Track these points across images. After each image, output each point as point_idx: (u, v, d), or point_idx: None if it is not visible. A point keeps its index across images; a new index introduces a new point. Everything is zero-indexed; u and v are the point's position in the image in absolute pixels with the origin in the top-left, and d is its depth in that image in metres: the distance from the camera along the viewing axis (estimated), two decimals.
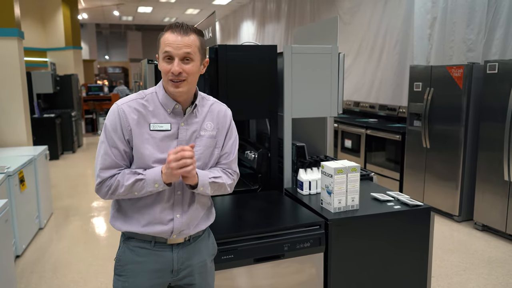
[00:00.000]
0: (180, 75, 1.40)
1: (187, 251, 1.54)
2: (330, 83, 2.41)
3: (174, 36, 1.39)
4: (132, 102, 1.46)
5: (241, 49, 2.27)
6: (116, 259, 1.54)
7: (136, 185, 1.41)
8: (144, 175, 1.41)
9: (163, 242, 1.50)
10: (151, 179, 1.40)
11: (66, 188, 5.84)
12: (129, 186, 1.41)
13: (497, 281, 3.07)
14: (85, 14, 13.96)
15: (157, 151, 1.44)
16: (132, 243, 1.51)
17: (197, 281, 1.57)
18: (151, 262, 1.50)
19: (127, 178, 1.41)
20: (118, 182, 1.42)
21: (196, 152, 1.48)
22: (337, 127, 6.21)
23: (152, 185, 1.41)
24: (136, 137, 1.43)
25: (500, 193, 3.81)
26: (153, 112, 1.46)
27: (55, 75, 8.31)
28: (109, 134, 1.44)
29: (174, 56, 1.39)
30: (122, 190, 1.42)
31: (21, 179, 3.57)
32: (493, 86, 3.84)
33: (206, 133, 1.52)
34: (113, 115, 1.45)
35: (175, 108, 1.47)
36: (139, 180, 1.41)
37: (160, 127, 1.45)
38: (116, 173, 1.44)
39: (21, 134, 4.61)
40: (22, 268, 3.36)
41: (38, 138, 6.90)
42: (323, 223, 1.91)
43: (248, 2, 11.65)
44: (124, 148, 1.44)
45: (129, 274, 1.50)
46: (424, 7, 5.10)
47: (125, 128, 1.43)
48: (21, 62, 4.58)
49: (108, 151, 1.43)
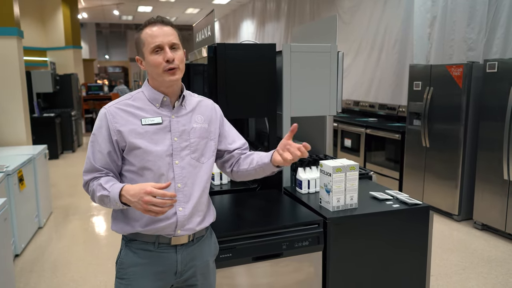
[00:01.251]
0: (174, 62, 1.42)
1: (191, 252, 1.53)
2: (329, 81, 2.41)
3: (157, 28, 1.43)
4: (119, 103, 1.49)
5: (240, 48, 2.26)
6: (119, 262, 1.52)
7: (105, 199, 1.40)
8: (109, 192, 1.39)
9: (167, 243, 1.48)
10: (113, 199, 1.38)
11: (65, 187, 5.84)
12: (99, 198, 1.42)
13: (497, 280, 3.06)
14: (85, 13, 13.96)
15: (152, 144, 1.44)
16: (134, 245, 1.49)
17: (199, 282, 1.56)
18: (155, 264, 1.48)
19: (98, 190, 1.42)
20: (93, 191, 1.44)
21: (191, 143, 1.50)
22: (337, 126, 6.21)
23: (114, 204, 1.39)
24: (129, 134, 1.43)
25: (500, 192, 3.81)
26: (141, 108, 1.47)
27: (55, 75, 8.31)
28: (94, 137, 1.46)
29: (164, 45, 1.41)
30: (96, 200, 1.44)
31: (20, 178, 3.57)
32: (493, 85, 3.84)
33: (197, 125, 1.54)
34: (100, 118, 1.47)
35: (164, 101, 1.49)
36: (105, 196, 1.40)
37: (151, 121, 1.46)
38: (95, 178, 1.45)
39: (21, 133, 4.61)
40: (21, 267, 3.36)
41: (37, 137, 6.90)
42: (321, 221, 1.90)
43: (248, 2, 11.64)
44: (109, 150, 1.44)
45: (132, 277, 1.48)
46: (424, 6, 5.10)
47: (113, 129, 1.43)
48: (21, 61, 4.58)
49: (90, 155, 1.46)
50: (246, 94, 2.26)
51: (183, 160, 1.48)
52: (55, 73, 8.42)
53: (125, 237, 1.53)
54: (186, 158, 1.49)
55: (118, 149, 1.45)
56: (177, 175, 1.47)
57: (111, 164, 1.46)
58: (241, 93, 2.25)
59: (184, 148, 1.49)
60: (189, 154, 1.50)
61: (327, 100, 2.43)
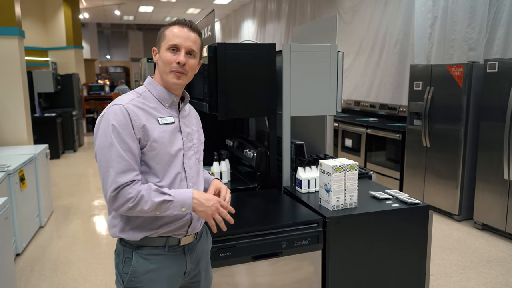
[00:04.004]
0: (184, 67, 1.42)
1: (197, 251, 1.55)
2: (329, 81, 2.41)
3: (183, 30, 1.43)
4: (134, 101, 1.41)
5: (240, 48, 2.26)
6: (131, 270, 1.43)
7: (163, 205, 1.35)
8: (173, 196, 1.36)
9: (176, 244, 1.48)
10: (179, 202, 1.36)
11: (66, 187, 5.85)
12: (156, 204, 1.33)
13: (497, 280, 3.06)
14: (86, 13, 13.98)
15: (170, 144, 1.44)
16: (144, 251, 1.44)
17: (202, 277, 1.60)
18: (167, 267, 1.46)
19: (155, 196, 1.33)
20: (142, 197, 1.32)
21: (194, 144, 1.55)
22: (337, 126, 6.21)
23: (179, 208, 1.37)
24: (151, 132, 1.39)
25: (500, 192, 3.80)
26: (155, 108, 1.45)
27: (56, 75, 8.33)
28: (119, 136, 1.34)
29: (181, 48, 1.42)
30: (147, 207, 1.33)
31: (21, 178, 3.58)
32: (493, 85, 3.83)
33: (195, 128, 1.59)
34: (121, 114, 1.35)
35: (174, 101, 1.49)
36: (167, 202, 1.35)
37: (166, 120, 1.45)
38: (135, 180, 1.35)
39: (22, 133, 4.62)
40: (22, 266, 3.37)
41: (39, 137, 6.92)
42: (321, 221, 1.91)
43: (249, 2, 11.65)
44: (137, 149, 1.37)
45: (147, 284, 1.43)
46: (424, 6, 5.10)
47: (137, 126, 1.37)
48: (22, 61, 4.59)
49: (121, 154, 1.33)
50: (246, 93, 2.26)
51: (190, 160, 1.51)
52: (56, 73, 8.43)
53: (131, 245, 1.45)
54: (192, 158, 1.52)
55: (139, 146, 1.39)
56: (188, 174, 1.49)
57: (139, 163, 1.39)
58: (241, 93, 2.25)
59: (190, 148, 1.52)
60: (194, 154, 1.53)
61: (327, 99, 2.43)
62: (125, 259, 1.45)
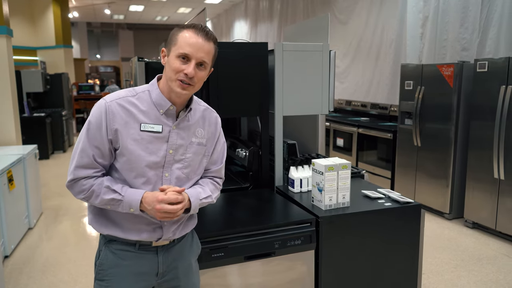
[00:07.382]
0: (192, 79, 1.35)
1: (172, 253, 1.50)
2: (321, 80, 2.41)
3: (197, 38, 1.34)
4: (122, 99, 1.38)
5: (232, 47, 2.25)
6: (98, 263, 1.46)
7: (113, 202, 1.36)
8: (123, 196, 1.36)
9: (148, 244, 1.45)
10: (127, 203, 1.36)
11: (56, 188, 5.78)
12: (105, 201, 1.36)
13: (487, 278, 3.09)
14: (76, 12, 13.83)
15: (146, 154, 1.38)
16: (114, 246, 1.45)
17: (182, 282, 1.54)
18: (136, 265, 1.45)
19: (104, 192, 1.35)
20: (93, 192, 1.36)
21: (186, 159, 1.45)
22: (329, 125, 6.22)
23: (127, 208, 1.36)
24: (124, 137, 1.35)
25: (490, 191, 3.84)
26: (145, 111, 1.38)
27: (45, 74, 8.22)
28: (91, 131, 1.36)
29: (192, 59, 1.33)
30: (97, 202, 1.37)
31: (9, 179, 3.53)
32: (483, 84, 3.87)
33: (196, 140, 1.47)
34: (99, 111, 1.36)
35: (169, 109, 1.40)
36: (116, 200, 1.36)
37: (151, 128, 1.38)
38: (91, 176, 1.37)
39: (10, 133, 4.55)
40: (10, 268, 3.32)
41: (28, 137, 6.81)
42: (314, 220, 1.90)
43: (241, 1, 11.62)
44: (105, 147, 1.36)
45: (113, 278, 1.44)
46: (416, 6, 5.13)
47: (110, 128, 1.35)
48: (10, 61, 4.53)
49: (87, 149, 1.36)
50: (238, 93, 2.25)
51: (172, 174, 1.44)
52: (45, 72, 8.33)
53: (104, 237, 1.47)
54: (176, 172, 1.44)
55: (111, 148, 1.38)
56: None
57: (106, 160, 1.39)
58: (233, 92, 2.24)
59: (177, 162, 1.44)
60: (180, 168, 1.45)
61: (319, 99, 2.43)
62: (99, 251, 1.49)
